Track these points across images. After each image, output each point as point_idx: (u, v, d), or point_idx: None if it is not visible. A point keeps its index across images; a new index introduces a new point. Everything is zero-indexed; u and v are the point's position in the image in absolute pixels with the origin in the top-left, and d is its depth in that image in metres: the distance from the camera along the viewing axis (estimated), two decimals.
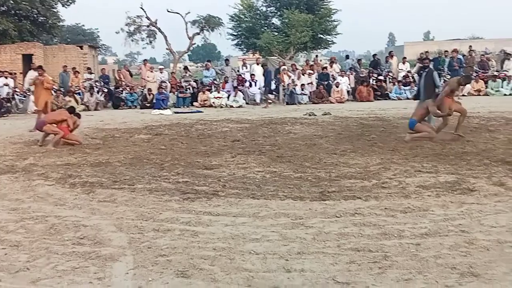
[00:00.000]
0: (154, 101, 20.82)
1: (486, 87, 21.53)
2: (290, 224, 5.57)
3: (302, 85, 21.54)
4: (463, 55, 23.68)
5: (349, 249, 4.77)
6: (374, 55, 26.48)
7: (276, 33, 32.35)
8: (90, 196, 6.96)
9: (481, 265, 4.29)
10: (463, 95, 19.81)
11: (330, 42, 35.20)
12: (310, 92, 21.83)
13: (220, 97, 21.11)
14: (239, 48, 35.37)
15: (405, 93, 21.32)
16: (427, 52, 24.70)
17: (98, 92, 21.75)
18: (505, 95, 20.65)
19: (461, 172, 7.76)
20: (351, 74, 23.09)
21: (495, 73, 22.07)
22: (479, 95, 21.26)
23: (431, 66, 22.34)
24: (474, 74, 22.02)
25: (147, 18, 36.13)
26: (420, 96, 12.02)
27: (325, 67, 23.54)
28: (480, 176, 7.44)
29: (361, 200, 6.47)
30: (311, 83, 22.03)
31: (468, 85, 21.21)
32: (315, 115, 16.47)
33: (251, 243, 5.00)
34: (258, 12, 34.21)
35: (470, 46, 25.37)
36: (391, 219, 5.65)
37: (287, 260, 4.54)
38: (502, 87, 21.17)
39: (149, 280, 4.22)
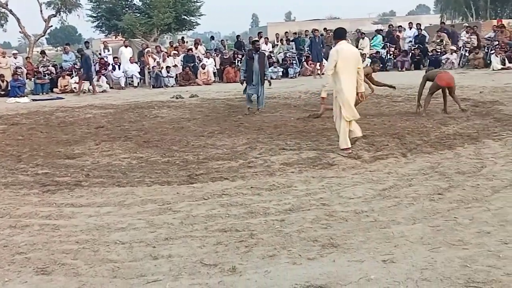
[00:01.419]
0: (9, 88, 19.43)
1: None
2: (157, 210, 5.50)
3: (168, 67, 21.24)
4: (321, 35, 24.67)
5: (216, 230, 4.81)
6: (238, 36, 26.76)
7: (138, 15, 31.46)
8: None
9: (340, 236, 4.52)
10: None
11: (194, 24, 34.97)
12: (176, 75, 21.59)
13: (82, 82, 20.18)
14: (101, 30, 33.91)
15: (269, 73, 21.76)
16: (286, 32, 25.43)
17: None
18: None
19: (322, 147, 8.12)
20: (216, 55, 23.17)
21: None
22: None
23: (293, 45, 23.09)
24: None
25: None
26: (253, 79, 12.17)
27: (190, 49, 23.39)
28: (338, 151, 7.81)
29: (228, 180, 6.54)
30: (176, 65, 21.79)
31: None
32: (182, 98, 16.36)
33: (117, 233, 4.86)
34: None
35: (325, 28, 26.47)
36: (257, 198, 5.77)
37: (154, 247, 4.48)
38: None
39: (5, 280, 3.96)
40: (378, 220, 4.86)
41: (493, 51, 20.25)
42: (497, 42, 20.91)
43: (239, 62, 22.60)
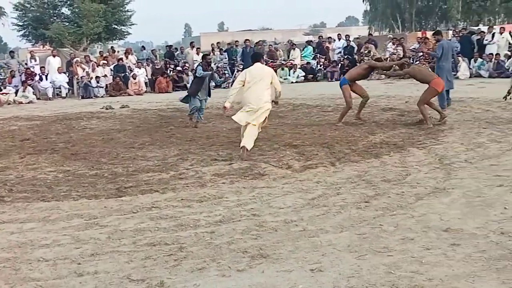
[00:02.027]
0: None
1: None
2: (84, 225, 5.35)
3: (98, 77, 20.79)
4: (254, 45, 24.90)
5: (144, 244, 4.72)
6: (169, 46, 26.54)
7: (67, 24, 30.71)
8: None
9: (269, 246, 4.54)
10: None
11: (125, 33, 34.48)
12: (107, 85, 21.17)
13: (6, 93, 19.44)
14: (27, 40, 32.82)
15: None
16: (218, 43, 25.47)
17: None
18: (292, 82, 22.17)
19: (253, 157, 8.15)
20: (148, 65, 22.90)
21: (283, 62, 23.59)
22: None
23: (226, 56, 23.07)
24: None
25: None
26: (200, 94, 11.87)
27: (121, 59, 23.00)
28: (270, 161, 7.89)
29: (158, 193, 6.45)
30: (106, 75, 21.36)
31: None
32: (113, 109, 16.04)
33: (40, 250, 4.69)
34: (46, 1, 32.12)
35: (259, 40, 26.76)
36: (188, 210, 5.72)
37: (80, 264, 4.34)
38: (289, 75, 22.71)
39: None
40: (307, 229, 4.92)
41: (417, 62, 21.03)
42: (421, 53, 21.74)
43: (171, 72, 22.44)
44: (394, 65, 11.81)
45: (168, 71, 22.39)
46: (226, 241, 4.71)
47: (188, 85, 21.54)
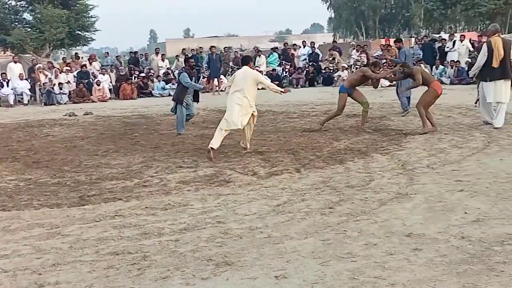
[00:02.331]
0: None
1: None
2: (45, 234, 5.24)
3: (60, 84, 20.46)
4: (220, 52, 24.92)
5: (107, 253, 4.65)
6: (134, 53, 26.32)
7: (29, 29, 30.19)
8: None
9: (234, 254, 4.53)
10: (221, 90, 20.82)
11: (89, 39, 34.10)
12: (70, 91, 20.85)
13: None
14: None
15: (166, 90, 21.62)
16: (184, 49, 25.41)
17: None
18: (258, 89, 22.22)
19: (219, 164, 8.14)
20: (112, 71, 22.67)
21: None
22: None
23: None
24: (230, 70, 23.30)
25: None
26: (187, 100, 11.47)
27: (84, 65, 22.71)
28: (235, 168, 7.89)
29: (122, 201, 6.37)
30: (69, 81, 21.04)
31: (225, 81, 22.39)
32: (76, 116, 15.81)
33: (0, 261, 4.56)
34: (7, 6, 31.55)
35: (225, 47, 26.75)
36: (152, 218, 5.66)
37: (40, 274, 4.25)
38: None
39: None
40: (272, 236, 4.92)
41: (381, 70, 21.33)
42: (384, 60, 22.06)
43: (135, 78, 22.25)
44: (389, 75, 11.82)
45: (133, 78, 22.21)
46: (190, 249, 4.68)
47: (154, 92, 21.52)
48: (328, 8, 71.85)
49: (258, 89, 9.14)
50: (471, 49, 21.27)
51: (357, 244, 4.63)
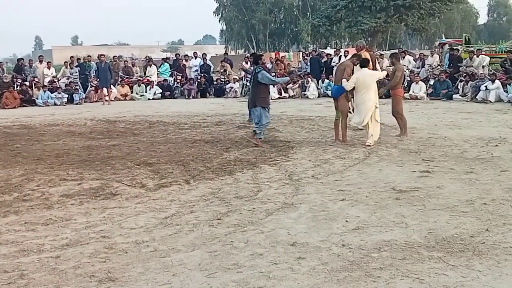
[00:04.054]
0: None
1: (132, 92, 22.51)
2: None
3: None
4: (110, 61, 24.28)
5: None
6: (19, 59, 24.97)
7: None
8: None
9: (119, 269, 4.42)
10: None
11: None
12: None
13: None
14: None
15: (51, 99, 20.72)
16: (72, 57, 24.53)
17: None
18: (149, 99, 21.93)
19: (106, 177, 7.91)
20: None
21: (139, 78, 23.26)
22: (126, 99, 22.09)
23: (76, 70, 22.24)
24: (120, 79, 22.81)
25: None
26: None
27: None
28: (123, 180, 7.71)
29: None
30: None
31: (115, 90, 21.88)
32: None
33: None
34: None
35: (114, 56, 26.14)
36: (31, 234, 5.39)
37: None
38: (146, 92, 22.44)
39: None
40: (158, 250, 4.86)
41: None
42: (274, 73, 22.61)
43: (17, 86, 21.11)
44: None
45: (15, 86, 21.07)
46: (72, 265, 4.50)
47: (38, 101, 20.48)
48: (219, 21, 72.69)
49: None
50: None
51: (244, 254, 4.69)
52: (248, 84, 22.57)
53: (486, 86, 17.33)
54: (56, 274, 4.34)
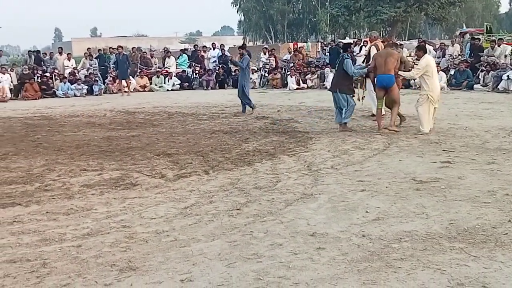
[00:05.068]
0: None
1: (150, 83, 22.60)
2: None
3: None
4: (128, 52, 24.41)
5: (4, 262, 4.42)
6: (37, 52, 25.15)
7: None
8: None
9: (139, 258, 4.44)
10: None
11: None
12: None
13: None
14: None
15: (71, 90, 20.90)
16: (89, 48, 24.67)
17: None
18: (167, 90, 22.01)
19: (126, 167, 7.96)
20: (12, 71, 21.58)
21: (158, 70, 23.35)
22: (144, 91, 22.20)
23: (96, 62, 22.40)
24: (139, 71, 22.91)
25: None
26: None
27: None
28: (143, 170, 7.75)
29: (21, 206, 6.08)
30: None
31: (133, 82, 21.99)
32: None
33: None
34: None
35: (133, 47, 26.23)
36: (53, 223, 5.44)
37: None
38: (164, 83, 22.52)
39: None
40: (178, 239, 4.87)
41: (289, 72, 21.79)
42: (292, 64, 22.55)
43: (38, 78, 21.31)
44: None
45: (36, 77, 21.27)
46: (93, 254, 4.54)
47: (58, 92, 20.66)
48: (237, 12, 72.47)
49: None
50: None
51: (263, 244, 4.68)
52: (267, 75, 22.66)
53: (508, 76, 17.07)
54: (77, 263, 4.37)
